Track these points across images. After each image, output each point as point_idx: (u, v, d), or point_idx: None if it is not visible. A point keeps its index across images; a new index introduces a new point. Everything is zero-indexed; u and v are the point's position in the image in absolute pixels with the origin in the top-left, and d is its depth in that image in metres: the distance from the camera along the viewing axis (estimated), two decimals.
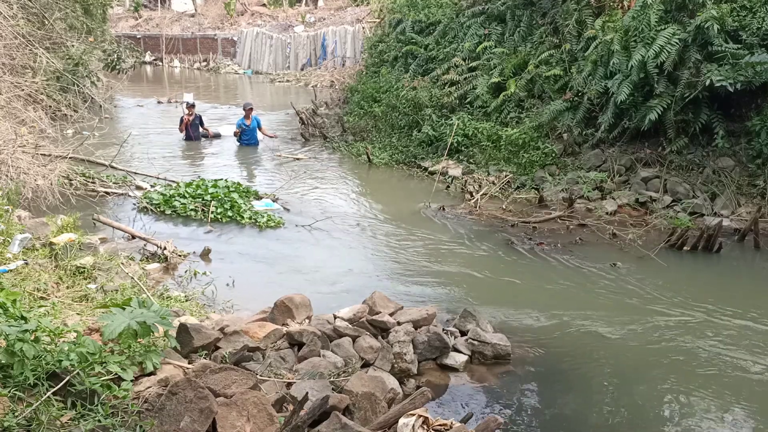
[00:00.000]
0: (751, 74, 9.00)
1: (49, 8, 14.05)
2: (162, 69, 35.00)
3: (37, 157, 8.88)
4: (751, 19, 9.36)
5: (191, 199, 9.43)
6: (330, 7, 34.62)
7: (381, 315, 5.57)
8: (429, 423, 3.91)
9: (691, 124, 10.19)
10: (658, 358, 5.57)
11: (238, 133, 14.57)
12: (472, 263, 7.75)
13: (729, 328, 6.09)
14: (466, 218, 9.51)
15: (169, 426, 3.48)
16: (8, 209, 7.39)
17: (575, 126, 11.56)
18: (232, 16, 36.56)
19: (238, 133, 14.55)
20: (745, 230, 8.53)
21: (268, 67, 32.31)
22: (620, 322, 6.17)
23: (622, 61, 10.33)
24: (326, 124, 16.41)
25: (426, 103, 13.64)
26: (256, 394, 3.78)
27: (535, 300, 6.67)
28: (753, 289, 7.28)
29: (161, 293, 6.35)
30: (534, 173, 11.10)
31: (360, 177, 12.14)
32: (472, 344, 5.41)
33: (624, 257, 7.94)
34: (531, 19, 13.76)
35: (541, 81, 12.51)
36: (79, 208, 8.41)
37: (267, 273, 7.41)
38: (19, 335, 3.59)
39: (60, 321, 4.90)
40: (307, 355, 4.83)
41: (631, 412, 4.78)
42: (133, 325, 4.08)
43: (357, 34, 28.06)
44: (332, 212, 9.72)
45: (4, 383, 3.48)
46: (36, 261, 6.30)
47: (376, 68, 17.79)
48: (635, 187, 10.16)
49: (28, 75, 11.52)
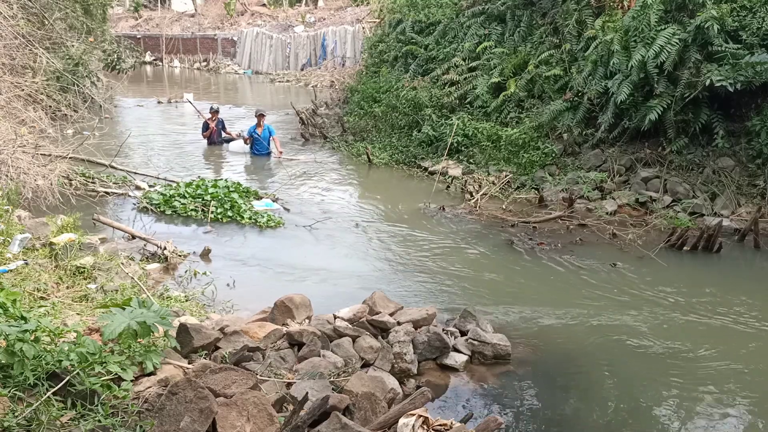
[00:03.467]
0: (751, 74, 9.00)
1: (49, 8, 14.05)
2: (162, 69, 35.00)
3: (37, 157, 8.87)
4: (751, 19, 9.36)
5: (191, 199, 9.42)
6: (330, 7, 34.62)
7: (381, 315, 5.57)
8: (429, 423, 3.90)
9: (691, 124, 10.19)
10: (658, 357, 5.57)
11: (249, 141, 13.70)
12: (472, 263, 7.75)
13: (730, 328, 6.10)
14: (466, 218, 9.51)
15: (169, 426, 3.48)
16: (8, 209, 7.39)
17: (575, 126, 11.57)
18: (232, 16, 36.57)
19: (250, 141, 13.68)
20: (745, 230, 8.53)
21: (268, 67, 32.33)
22: (620, 322, 6.17)
23: (622, 61, 10.33)
24: (326, 124, 16.42)
25: (426, 103, 13.64)
26: (256, 394, 3.78)
27: (535, 300, 6.67)
28: (753, 289, 7.27)
29: (161, 293, 6.35)
30: (534, 173, 11.11)
31: (360, 177, 12.14)
32: (472, 344, 5.41)
33: (624, 257, 7.94)
34: (531, 19, 13.77)
35: (541, 81, 12.51)
36: (79, 208, 8.40)
37: (267, 273, 7.41)
38: (19, 335, 3.59)
39: (60, 321, 4.91)
40: (307, 355, 4.83)
41: (631, 412, 4.77)
42: (133, 325, 4.08)
43: (357, 34, 28.07)
44: (332, 212, 9.73)
45: (4, 383, 3.48)
46: (36, 261, 6.30)
47: (376, 68, 17.79)
48: (635, 187, 10.16)
49: (28, 75, 11.53)
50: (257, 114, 13.69)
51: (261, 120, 13.59)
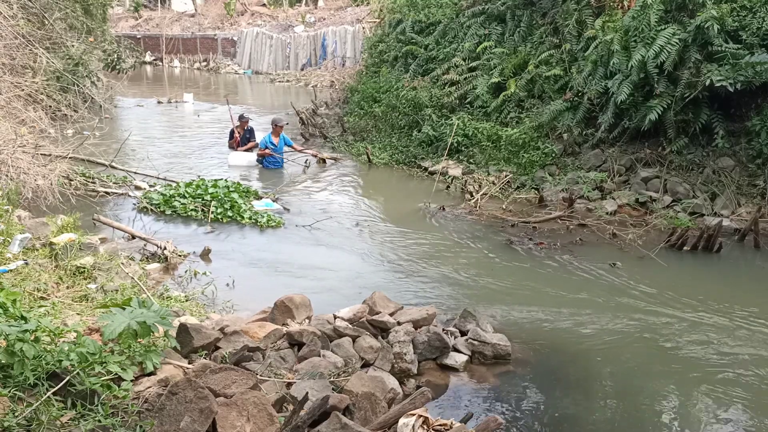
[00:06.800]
0: (751, 74, 9.00)
1: (49, 8, 14.05)
2: (162, 69, 34.99)
3: (37, 157, 8.87)
4: (751, 19, 9.36)
5: (191, 199, 9.42)
6: (330, 7, 34.62)
7: (381, 315, 5.57)
8: (429, 423, 3.90)
9: (691, 124, 10.19)
10: (658, 357, 5.57)
11: (263, 154, 12.53)
12: (472, 263, 7.75)
13: (729, 328, 6.09)
14: (466, 218, 9.51)
15: (169, 426, 3.48)
16: (8, 209, 7.39)
17: (575, 126, 11.57)
18: (232, 16, 36.56)
19: (264, 154, 12.52)
20: (745, 230, 8.53)
21: (268, 67, 32.33)
22: (620, 322, 6.17)
23: (622, 61, 10.33)
24: (326, 124, 16.42)
25: (426, 103, 13.64)
26: (256, 394, 3.78)
27: (535, 300, 6.66)
28: (753, 289, 7.28)
29: (161, 293, 6.35)
30: (534, 173, 11.11)
31: (360, 177, 12.14)
32: (472, 344, 5.41)
33: (624, 257, 7.94)
34: (531, 19, 13.76)
35: (541, 81, 12.51)
36: (79, 208, 8.39)
37: (267, 273, 7.41)
38: (19, 335, 3.58)
39: (60, 321, 4.91)
40: (307, 355, 4.83)
41: (631, 412, 4.77)
42: (133, 325, 4.08)
43: (357, 34, 28.06)
44: (332, 212, 9.72)
45: (4, 383, 3.48)
46: (36, 261, 6.30)
47: (376, 68, 17.78)
48: (635, 187, 10.16)
49: (28, 75, 11.53)
50: (275, 124, 12.64)
51: (279, 131, 12.56)
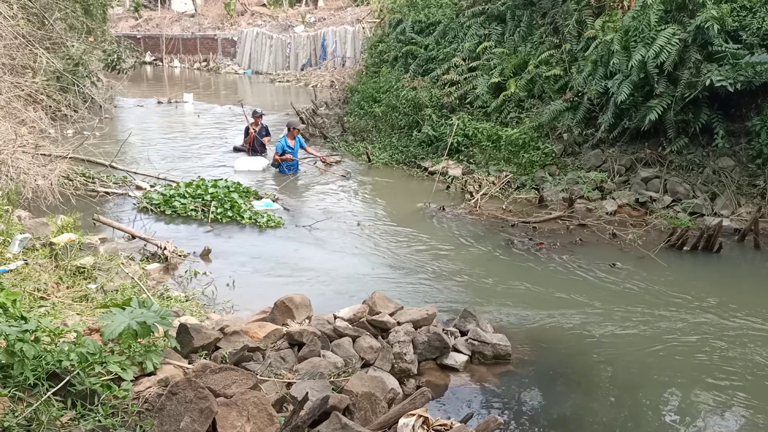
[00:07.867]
0: (751, 74, 9.00)
1: (49, 8, 14.05)
2: (162, 69, 35.00)
3: (37, 157, 8.87)
4: (751, 19, 9.36)
5: (191, 199, 9.42)
6: (330, 7, 34.62)
7: (381, 315, 5.56)
8: (429, 423, 3.90)
9: (691, 124, 10.19)
10: (658, 358, 5.57)
11: (279, 160, 12.01)
12: (472, 263, 7.75)
13: (729, 328, 6.09)
14: (466, 218, 9.51)
15: (169, 426, 3.48)
16: (8, 209, 7.39)
17: (575, 126, 11.57)
18: (232, 16, 36.56)
19: (284, 159, 11.97)
20: (745, 230, 8.53)
21: (268, 67, 32.32)
22: (620, 323, 6.17)
23: (622, 61, 10.33)
24: (326, 124, 16.42)
25: (426, 103, 13.64)
26: (256, 394, 3.78)
27: (536, 300, 6.67)
28: (753, 289, 7.28)
29: (161, 293, 6.35)
30: (534, 173, 11.10)
31: (360, 177, 12.13)
32: (472, 344, 5.41)
33: (624, 257, 7.94)
34: (531, 19, 13.76)
35: (541, 81, 12.51)
36: (79, 208, 8.40)
37: (267, 273, 7.40)
38: (19, 335, 3.58)
39: (60, 321, 4.91)
40: (307, 355, 4.83)
41: (631, 412, 4.77)
42: (133, 325, 4.08)
43: (357, 34, 28.06)
44: (332, 212, 9.72)
45: (4, 383, 3.47)
46: (36, 261, 6.30)
47: (376, 68, 17.79)
48: (635, 187, 10.16)
49: (28, 75, 11.53)
50: (291, 127, 12.25)
51: (295, 133, 12.18)
